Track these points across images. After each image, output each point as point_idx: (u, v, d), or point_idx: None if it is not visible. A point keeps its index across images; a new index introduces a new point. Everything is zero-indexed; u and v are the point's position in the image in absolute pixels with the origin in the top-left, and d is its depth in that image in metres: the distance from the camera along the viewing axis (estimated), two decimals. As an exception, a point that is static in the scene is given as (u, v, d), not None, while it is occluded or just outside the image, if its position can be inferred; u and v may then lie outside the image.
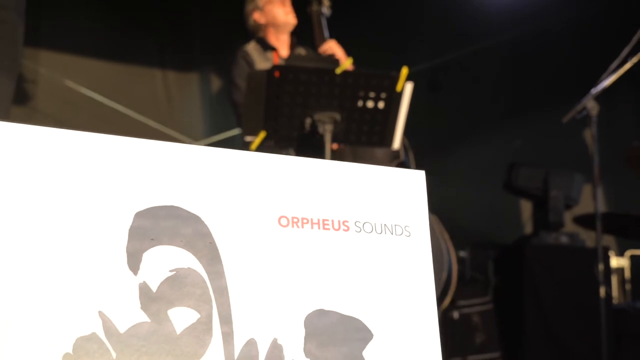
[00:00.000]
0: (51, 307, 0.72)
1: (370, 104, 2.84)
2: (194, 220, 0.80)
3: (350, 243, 0.86)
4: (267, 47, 3.39)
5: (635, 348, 3.77)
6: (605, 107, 3.58)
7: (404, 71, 2.80)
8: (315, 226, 0.85)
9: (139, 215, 0.78)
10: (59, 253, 0.74)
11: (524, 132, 4.83)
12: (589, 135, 4.44)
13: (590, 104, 3.32)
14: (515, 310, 4.01)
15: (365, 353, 0.83)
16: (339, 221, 0.86)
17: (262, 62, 3.31)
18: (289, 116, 2.82)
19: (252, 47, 3.37)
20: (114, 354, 0.74)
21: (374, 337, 0.84)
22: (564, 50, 5.19)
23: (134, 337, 0.75)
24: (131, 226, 0.77)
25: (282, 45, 3.43)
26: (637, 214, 3.72)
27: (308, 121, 2.77)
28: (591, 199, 4.10)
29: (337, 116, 2.77)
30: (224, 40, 4.29)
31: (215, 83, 4.65)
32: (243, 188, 0.83)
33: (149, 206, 0.79)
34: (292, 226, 0.84)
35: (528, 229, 4.68)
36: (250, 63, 3.30)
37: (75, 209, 0.75)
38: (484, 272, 4.11)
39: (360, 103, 2.83)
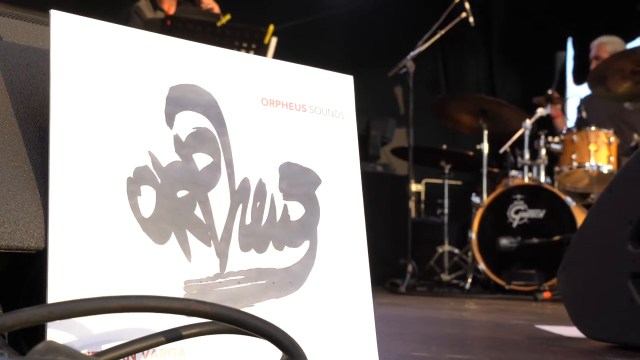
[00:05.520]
0: (119, 146, 0.87)
1: (242, 52, 3.07)
2: (207, 95, 0.97)
3: (306, 120, 1.06)
4: (157, 7, 3.48)
5: (423, 249, 4.27)
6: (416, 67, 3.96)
7: (271, 28, 3.02)
8: (285, 107, 1.04)
9: (173, 88, 0.93)
10: (125, 113, 0.88)
11: (355, 84, 5.20)
12: (400, 90, 4.85)
13: (409, 63, 3.68)
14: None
15: (316, 192, 1.05)
16: (299, 104, 1.06)
17: (152, 17, 3.41)
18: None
19: (143, 4, 3.44)
20: (159, 180, 0.90)
21: (322, 183, 1.06)
22: (389, 21, 5.59)
23: (171, 170, 0.91)
24: (167, 96, 0.93)
25: (171, 4, 3.53)
26: (432, 147, 4.19)
27: None
28: (399, 138, 4.52)
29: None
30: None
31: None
32: (238, 77, 1.01)
33: (179, 83, 0.95)
34: (269, 105, 1.03)
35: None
36: (142, 17, 3.40)
37: (132, 84, 0.90)
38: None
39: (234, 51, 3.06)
